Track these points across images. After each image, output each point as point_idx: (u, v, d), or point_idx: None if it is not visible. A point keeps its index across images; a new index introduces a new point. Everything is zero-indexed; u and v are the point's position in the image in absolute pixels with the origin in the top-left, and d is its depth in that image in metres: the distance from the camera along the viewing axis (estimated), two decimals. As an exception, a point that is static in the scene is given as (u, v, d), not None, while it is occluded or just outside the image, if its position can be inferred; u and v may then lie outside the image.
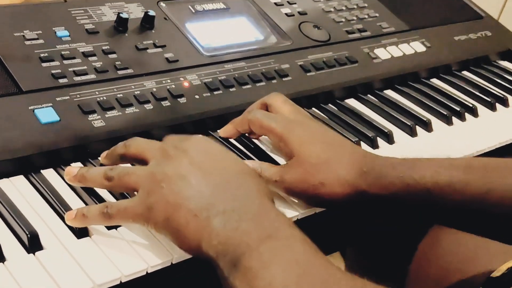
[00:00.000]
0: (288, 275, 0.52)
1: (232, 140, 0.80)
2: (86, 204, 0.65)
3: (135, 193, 0.61)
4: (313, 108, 0.90)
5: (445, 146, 0.88)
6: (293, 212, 0.70)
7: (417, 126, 0.90)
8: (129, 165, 0.67)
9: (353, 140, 0.83)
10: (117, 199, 0.67)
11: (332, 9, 1.06)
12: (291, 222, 0.58)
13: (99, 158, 0.71)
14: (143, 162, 0.63)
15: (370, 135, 0.85)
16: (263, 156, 0.77)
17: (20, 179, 0.67)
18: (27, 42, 0.78)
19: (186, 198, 0.58)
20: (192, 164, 0.60)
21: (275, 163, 0.76)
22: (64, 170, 0.67)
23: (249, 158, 0.76)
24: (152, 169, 0.61)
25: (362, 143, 0.84)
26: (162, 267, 0.60)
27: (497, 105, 1.02)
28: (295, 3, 1.03)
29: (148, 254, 0.60)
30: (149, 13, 0.86)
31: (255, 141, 0.80)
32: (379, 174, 0.68)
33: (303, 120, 0.74)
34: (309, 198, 0.70)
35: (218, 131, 0.79)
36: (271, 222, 0.57)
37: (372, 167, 0.69)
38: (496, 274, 0.81)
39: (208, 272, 0.57)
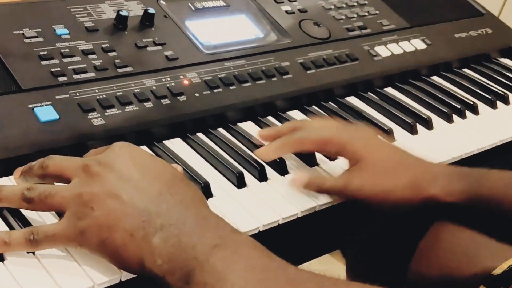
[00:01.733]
0: (247, 284, 0.50)
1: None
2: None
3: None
4: (314, 106, 0.90)
5: (446, 143, 0.88)
6: (292, 211, 0.70)
7: (417, 124, 0.90)
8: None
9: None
10: None
11: (332, 7, 1.06)
12: (233, 227, 0.56)
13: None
14: (64, 180, 0.58)
15: (371, 133, 0.85)
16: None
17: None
18: (27, 40, 0.78)
19: (120, 218, 0.53)
20: (120, 179, 0.55)
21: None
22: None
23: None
24: (78, 189, 0.55)
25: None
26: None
27: (498, 102, 1.01)
28: (295, 1, 1.03)
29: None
30: (148, 11, 0.86)
31: None
32: (449, 181, 0.68)
33: (355, 126, 0.73)
34: (377, 203, 0.68)
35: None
36: (214, 231, 0.54)
37: (442, 173, 0.69)
38: (497, 271, 0.81)
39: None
